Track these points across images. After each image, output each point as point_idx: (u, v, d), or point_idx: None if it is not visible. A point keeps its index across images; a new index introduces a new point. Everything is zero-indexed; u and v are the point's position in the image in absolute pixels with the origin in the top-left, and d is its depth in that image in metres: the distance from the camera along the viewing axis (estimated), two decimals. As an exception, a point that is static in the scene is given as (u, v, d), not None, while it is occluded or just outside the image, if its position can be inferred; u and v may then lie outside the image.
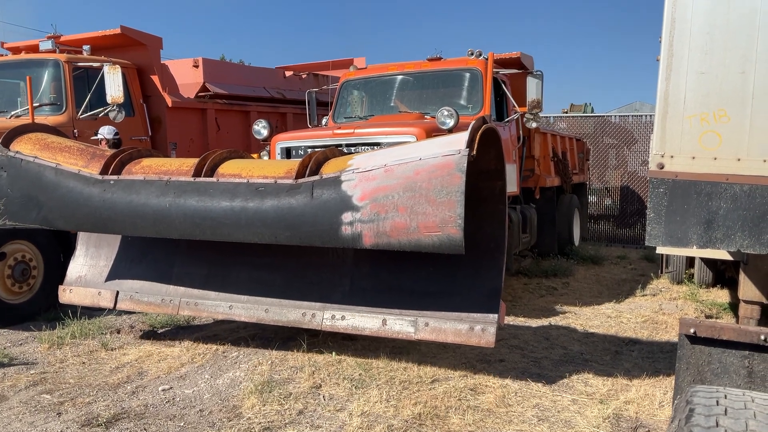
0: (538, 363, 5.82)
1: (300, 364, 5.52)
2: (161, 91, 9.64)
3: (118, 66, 8.46)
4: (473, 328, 4.90)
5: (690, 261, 9.27)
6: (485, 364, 5.71)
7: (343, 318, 5.33)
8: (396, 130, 6.98)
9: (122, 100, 8.46)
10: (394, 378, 5.26)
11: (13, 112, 8.58)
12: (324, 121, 9.36)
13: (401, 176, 4.64)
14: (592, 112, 17.82)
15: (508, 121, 8.64)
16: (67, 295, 6.52)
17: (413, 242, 4.56)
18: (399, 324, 5.12)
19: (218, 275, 6.06)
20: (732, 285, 8.19)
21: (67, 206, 5.82)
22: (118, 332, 6.84)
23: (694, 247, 3.73)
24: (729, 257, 5.85)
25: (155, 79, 9.65)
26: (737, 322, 6.12)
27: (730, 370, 3.09)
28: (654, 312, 7.78)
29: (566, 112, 17.52)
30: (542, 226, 10.27)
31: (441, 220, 4.42)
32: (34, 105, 8.61)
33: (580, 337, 6.71)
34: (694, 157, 3.73)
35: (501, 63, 9.17)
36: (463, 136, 4.65)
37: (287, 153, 7.54)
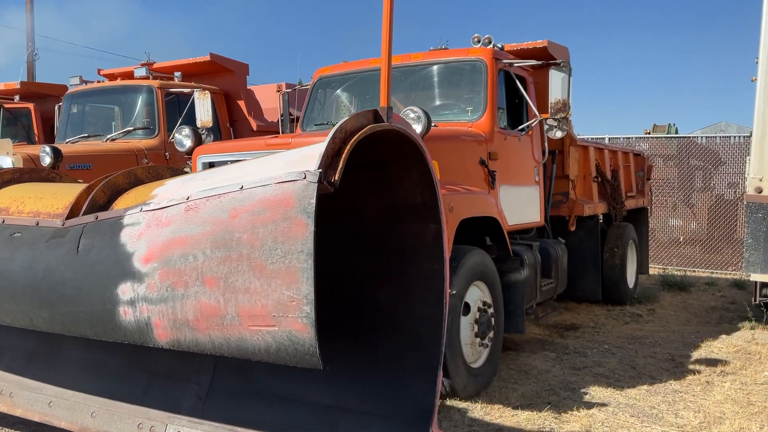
0: (625, 393, 5.66)
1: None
2: (247, 115, 10.00)
3: (207, 92, 8.84)
4: None
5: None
6: (570, 392, 5.60)
7: None
8: None
9: (211, 124, 8.82)
10: (477, 401, 5.22)
11: (108, 136, 9.06)
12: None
13: (209, 220, 2.77)
14: (676, 132, 17.30)
15: (523, 129, 6.94)
16: None
17: (234, 342, 2.70)
18: None
19: (45, 353, 4.16)
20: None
21: None
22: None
23: (796, 275, 3.58)
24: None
25: (241, 104, 10.04)
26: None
27: (840, 407, 2.94)
28: (746, 342, 7.45)
29: (648, 133, 17.10)
30: (579, 266, 8.36)
31: (275, 305, 2.56)
32: (129, 128, 9.12)
33: (668, 366, 6.49)
34: (795, 182, 3.59)
35: (523, 56, 7.20)
36: (315, 150, 2.75)
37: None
